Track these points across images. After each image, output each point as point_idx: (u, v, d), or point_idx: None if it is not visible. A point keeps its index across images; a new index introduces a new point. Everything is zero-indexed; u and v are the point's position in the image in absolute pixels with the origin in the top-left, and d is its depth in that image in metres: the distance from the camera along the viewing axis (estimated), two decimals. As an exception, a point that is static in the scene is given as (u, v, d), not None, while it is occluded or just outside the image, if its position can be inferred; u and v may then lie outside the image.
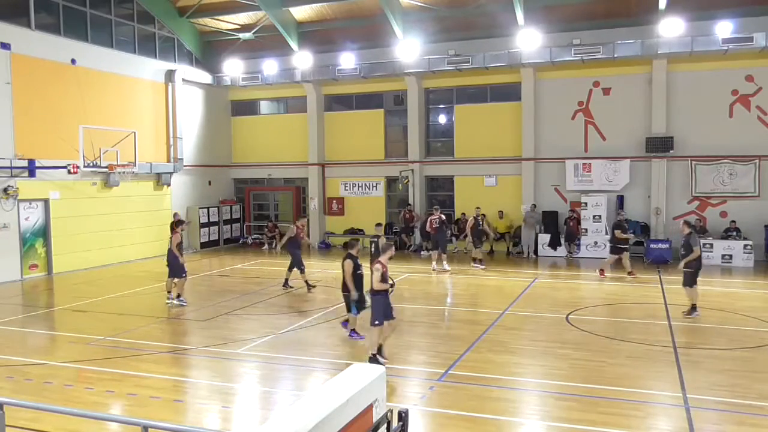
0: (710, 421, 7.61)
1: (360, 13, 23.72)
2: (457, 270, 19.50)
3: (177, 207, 24.70)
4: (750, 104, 20.70)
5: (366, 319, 10.49)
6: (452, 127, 24.70)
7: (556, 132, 22.73)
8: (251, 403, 8.66)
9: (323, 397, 4.22)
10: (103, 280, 18.43)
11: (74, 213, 20.03)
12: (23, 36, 18.61)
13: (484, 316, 13.17)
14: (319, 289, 16.18)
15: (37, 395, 8.53)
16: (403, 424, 4.66)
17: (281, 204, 27.73)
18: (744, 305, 14.03)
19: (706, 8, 19.99)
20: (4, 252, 18.13)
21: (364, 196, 25.88)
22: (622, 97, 21.97)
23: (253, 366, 10.03)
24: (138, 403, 8.25)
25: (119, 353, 10.61)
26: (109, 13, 21.81)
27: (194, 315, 13.72)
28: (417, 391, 8.72)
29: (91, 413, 6.60)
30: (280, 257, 23.25)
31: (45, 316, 14.19)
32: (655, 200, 21.57)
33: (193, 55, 25.82)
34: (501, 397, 8.55)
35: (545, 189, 23.00)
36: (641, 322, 12.42)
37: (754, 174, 20.49)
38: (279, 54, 25.28)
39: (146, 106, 23.22)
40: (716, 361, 9.96)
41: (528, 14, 21.50)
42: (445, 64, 22.46)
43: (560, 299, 14.92)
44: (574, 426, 7.43)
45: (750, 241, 19.74)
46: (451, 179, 24.69)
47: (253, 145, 27.40)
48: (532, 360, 10.15)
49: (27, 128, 18.57)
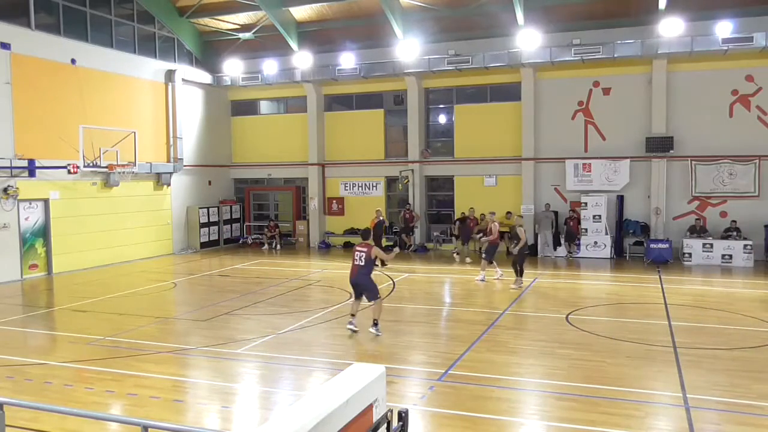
0: (710, 421, 7.61)
1: (360, 13, 23.71)
2: (460, 270, 19.50)
3: (177, 207, 24.75)
4: (750, 104, 20.70)
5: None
6: (452, 127, 24.70)
7: (556, 132, 22.74)
8: (251, 403, 8.66)
9: (323, 397, 4.22)
10: (103, 280, 18.44)
11: (74, 213, 20.04)
12: (23, 36, 18.61)
13: (484, 316, 13.17)
14: (319, 289, 16.17)
15: (37, 395, 8.53)
16: (403, 424, 4.66)
17: (281, 204, 27.73)
18: (744, 305, 14.02)
19: (706, 8, 19.98)
20: (4, 252, 18.14)
21: (364, 196, 25.88)
22: (622, 97, 21.98)
23: (253, 366, 10.03)
24: (138, 403, 8.25)
25: (119, 353, 10.61)
26: (109, 13, 21.81)
27: (194, 315, 13.72)
28: (417, 391, 8.72)
29: (91, 413, 6.60)
30: (280, 257, 23.35)
31: (45, 316, 14.18)
32: (655, 200, 21.57)
33: (193, 55, 25.82)
34: (501, 397, 8.55)
35: (545, 189, 23.01)
36: (641, 322, 12.41)
37: (753, 174, 20.48)
38: (279, 54, 25.28)
39: (146, 106, 23.22)
40: (716, 361, 9.95)
41: (528, 14, 21.50)
42: (445, 64, 22.46)
43: (560, 299, 14.92)
44: (574, 426, 7.43)
45: (750, 241, 19.74)
46: (451, 179, 24.70)
47: (253, 145, 27.40)
48: (532, 360, 10.15)
49: (27, 128, 18.57)
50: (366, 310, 12.29)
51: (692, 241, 20.28)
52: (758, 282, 17.25)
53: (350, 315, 11.84)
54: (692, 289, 16.43)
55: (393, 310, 13.88)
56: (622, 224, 21.88)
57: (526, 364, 10.01)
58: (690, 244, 20.25)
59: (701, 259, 20.01)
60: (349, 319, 11.78)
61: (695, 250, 20.16)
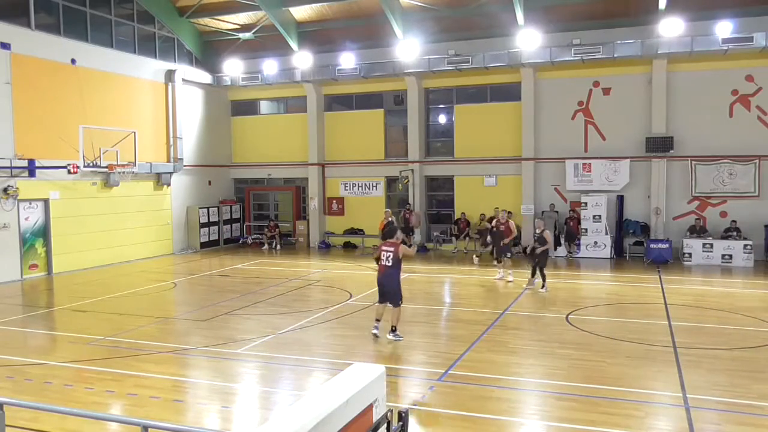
0: (710, 421, 7.61)
1: (360, 13, 23.71)
2: (460, 270, 19.50)
3: (177, 207, 24.75)
4: (750, 104, 20.70)
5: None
6: (452, 127, 24.70)
7: (556, 132, 22.74)
8: (251, 403, 8.66)
9: (323, 397, 4.22)
10: (103, 280, 18.43)
11: (74, 213, 20.04)
12: (23, 36, 18.61)
13: (484, 316, 13.16)
14: (319, 289, 16.18)
15: (37, 395, 8.53)
16: (403, 424, 4.66)
17: (281, 204, 27.73)
18: (744, 305, 14.02)
19: (706, 8, 19.98)
20: (4, 252, 18.13)
21: (364, 196, 25.88)
22: (622, 97, 21.98)
23: (253, 366, 10.03)
24: (138, 403, 8.25)
25: (119, 353, 10.61)
26: (109, 13, 21.81)
27: (194, 315, 13.72)
28: (417, 391, 8.72)
29: (91, 413, 6.60)
30: (280, 257, 23.35)
31: (45, 316, 14.18)
32: (655, 200, 21.57)
33: (193, 55, 25.82)
34: (501, 397, 8.55)
35: (545, 189, 23.01)
36: (641, 322, 12.41)
37: (753, 174, 20.48)
38: (279, 54, 25.28)
39: (146, 106, 23.22)
40: (716, 361, 9.95)
41: (528, 14, 21.50)
42: (445, 64, 22.47)
43: (560, 299, 14.92)
44: (574, 426, 7.42)
45: (750, 241, 19.74)
46: (451, 179, 24.70)
47: (253, 145, 27.40)
48: (532, 360, 10.15)
49: (27, 128, 18.57)
50: (370, 312, 12.29)
51: (692, 241, 20.29)
52: (758, 282, 17.24)
53: (375, 320, 11.37)
54: (692, 289, 16.44)
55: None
56: (622, 224, 21.89)
57: (526, 364, 10.01)
58: (690, 244, 20.25)
59: (701, 259, 20.02)
60: (374, 324, 11.34)
61: (695, 250, 20.16)
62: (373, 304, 11.89)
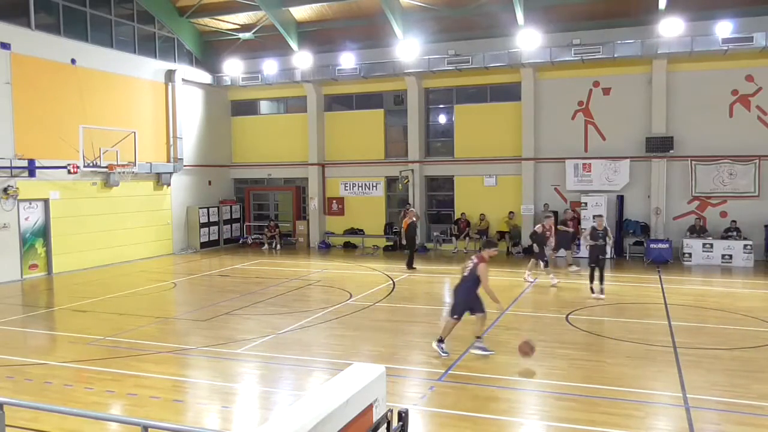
0: (710, 421, 7.61)
1: (360, 13, 23.71)
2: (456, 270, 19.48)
3: (177, 207, 24.75)
4: (750, 104, 20.70)
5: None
6: (452, 127, 24.70)
7: (556, 132, 22.73)
8: (251, 403, 8.66)
9: (323, 397, 4.22)
10: (103, 280, 18.43)
11: (74, 213, 20.04)
12: (23, 36, 18.61)
13: (484, 316, 13.13)
14: (319, 289, 16.17)
15: (37, 395, 8.53)
16: (403, 424, 4.66)
17: (281, 204, 27.74)
18: (744, 305, 14.02)
19: (706, 8, 19.98)
20: (4, 252, 18.13)
21: (364, 196, 25.88)
22: (622, 97, 21.98)
23: (253, 366, 10.03)
24: (138, 403, 8.25)
25: (119, 353, 10.60)
26: (109, 13, 21.81)
27: (194, 315, 13.72)
28: (417, 391, 8.72)
29: (91, 413, 6.59)
30: (280, 257, 23.35)
31: (45, 316, 14.18)
32: (655, 200, 21.57)
33: (193, 55, 25.82)
34: (501, 397, 8.55)
35: (545, 189, 23.01)
36: (641, 322, 12.41)
37: (753, 174, 20.48)
38: (279, 54, 25.28)
39: (146, 106, 23.22)
40: (716, 361, 9.95)
41: (528, 14, 21.50)
42: (445, 64, 22.46)
43: (560, 299, 14.91)
44: (574, 426, 7.43)
45: (750, 241, 19.74)
46: (451, 179, 24.70)
47: (253, 145, 27.40)
48: (532, 360, 10.13)
49: (27, 128, 18.57)
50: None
51: (692, 241, 20.29)
52: (758, 282, 17.25)
53: (438, 340, 10.35)
54: (692, 289, 16.43)
55: (393, 310, 13.89)
56: (622, 224, 21.88)
57: (526, 364, 10.00)
58: (690, 244, 20.25)
59: (701, 259, 20.02)
60: (441, 344, 10.30)
61: (695, 250, 20.16)
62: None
